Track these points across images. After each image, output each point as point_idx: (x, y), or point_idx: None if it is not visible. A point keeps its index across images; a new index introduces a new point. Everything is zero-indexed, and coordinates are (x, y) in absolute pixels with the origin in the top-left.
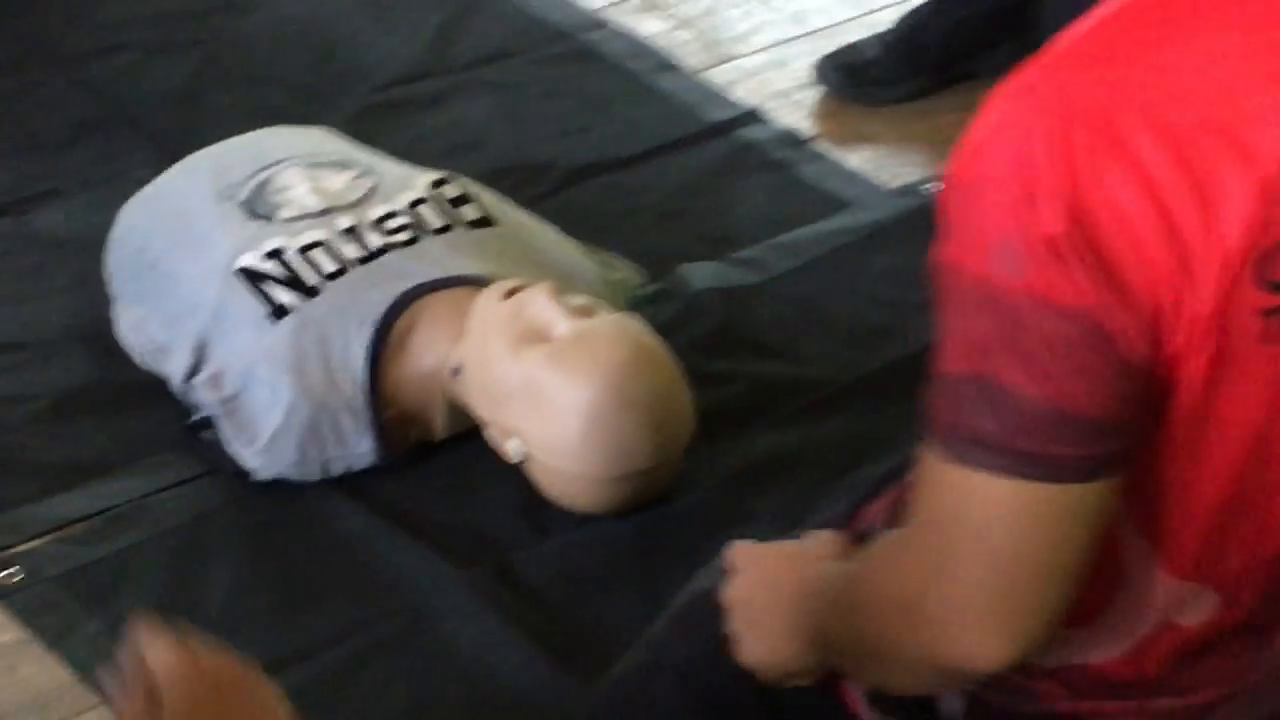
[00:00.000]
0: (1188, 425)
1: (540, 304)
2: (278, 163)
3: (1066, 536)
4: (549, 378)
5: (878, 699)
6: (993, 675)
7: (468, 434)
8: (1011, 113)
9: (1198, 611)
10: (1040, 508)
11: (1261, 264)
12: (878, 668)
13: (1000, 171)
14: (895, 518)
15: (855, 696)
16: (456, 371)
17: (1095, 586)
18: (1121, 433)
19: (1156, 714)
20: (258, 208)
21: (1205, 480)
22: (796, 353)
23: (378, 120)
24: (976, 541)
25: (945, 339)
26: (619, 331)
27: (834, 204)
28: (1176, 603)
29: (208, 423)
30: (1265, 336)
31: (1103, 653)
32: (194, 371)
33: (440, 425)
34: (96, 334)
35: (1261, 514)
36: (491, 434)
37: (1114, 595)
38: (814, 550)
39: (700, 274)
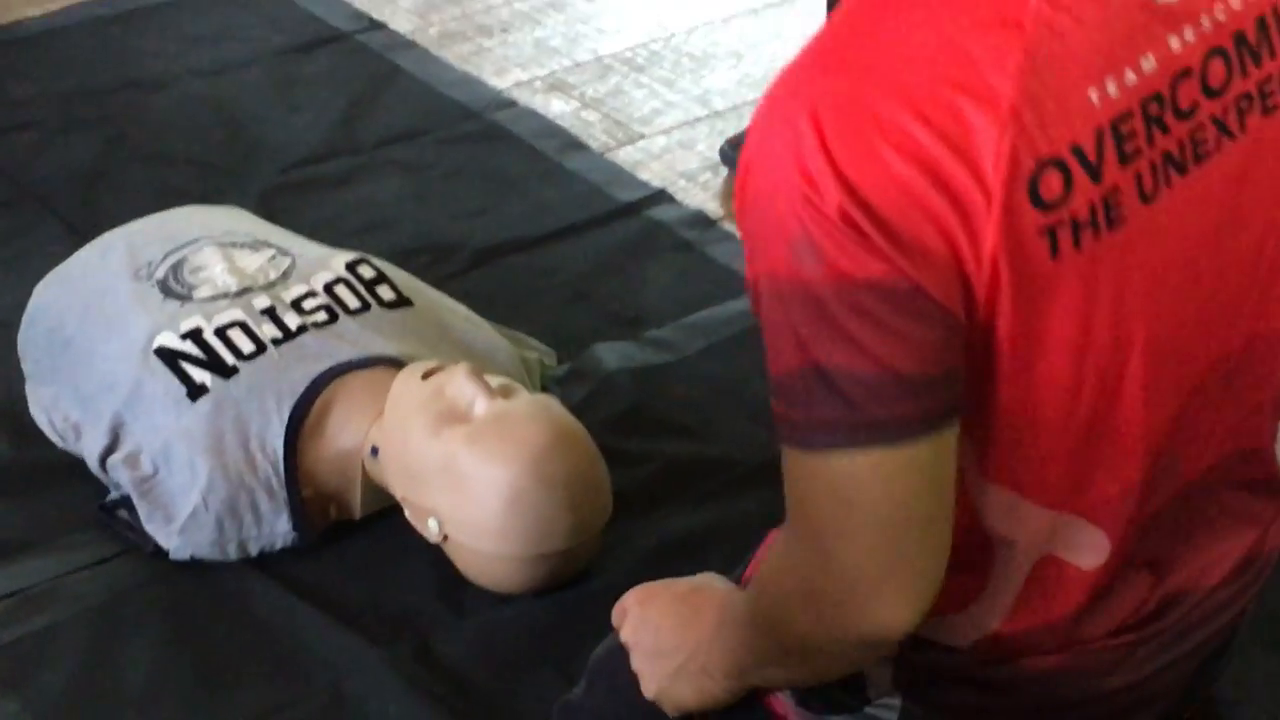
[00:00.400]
0: (1016, 356)
1: (459, 384)
2: (193, 242)
3: (930, 486)
4: (468, 458)
5: (806, 700)
6: (906, 632)
7: (386, 513)
8: (772, 123)
9: (1086, 549)
10: (897, 469)
11: (1032, 188)
12: (807, 665)
13: (777, 174)
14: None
15: (783, 704)
16: (375, 451)
17: (970, 560)
18: (953, 380)
19: (1083, 659)
20: (174, 287)
21: (1047, 405)
22: (708, 432)
23: (287, 199)
24: (851, 517)
25: (771, 347)
26: (538, 412)
27: (743, 284)
28: (1059, 536)
29: (124, 502)
30: (1053, 253)
31: (1004, 615)
32: (110, 450)
33: (358, 504)
34: (10, 413)
35: (1116, 436)
36: (410, 513)
37: (990, 560)
38: (706, 583)
39: (612, 354)
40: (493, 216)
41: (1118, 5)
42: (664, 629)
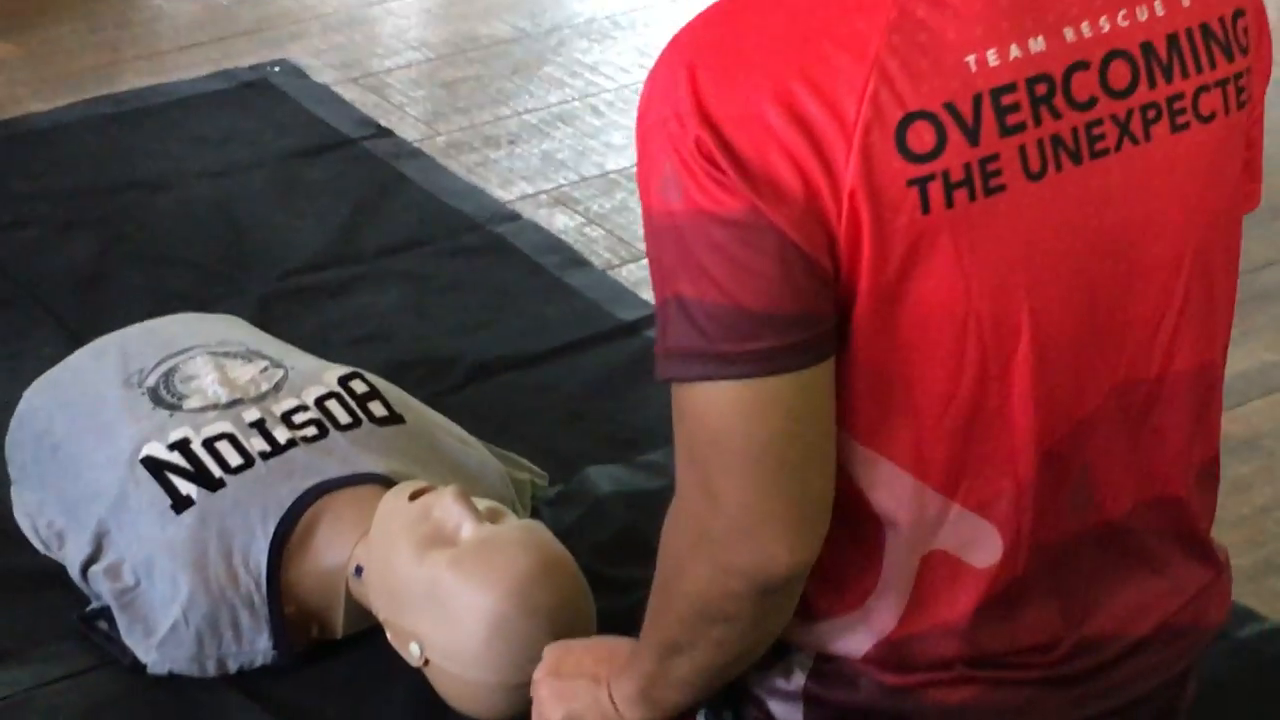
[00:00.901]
0: (879, 310)
1: (446, 506)
2: (186, 351)
3: (796, 425)
4: (452, 583)
5: None
6: (793, 576)
7: (369, 633)
8: (657, 71)
9: (979, 547)
10: (757, 404)
11: (899, 137)
12: (708, 634)
13: (652, 115)
14: None
15: None
16: (359, 570)
17: (863, 544)
18: (812, 323)
19: (991, 695)
20: (164, 396)
21: (923, 372)
22: None
23: (285, 306)
24: (724, 452)
25: (651, 279)
26: (524, 538)
27: None
28: (952, 530)
29: (104, 613)
30: (924, 207)
31: (899, 613)
32: (92, 560)
33: (341, 624)
34: None
35: (1006, 429)
36: (392, 635)
37: (881, 546)
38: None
39: (604, 477)
40: (491, 331)
41: None
42: (569, 688)
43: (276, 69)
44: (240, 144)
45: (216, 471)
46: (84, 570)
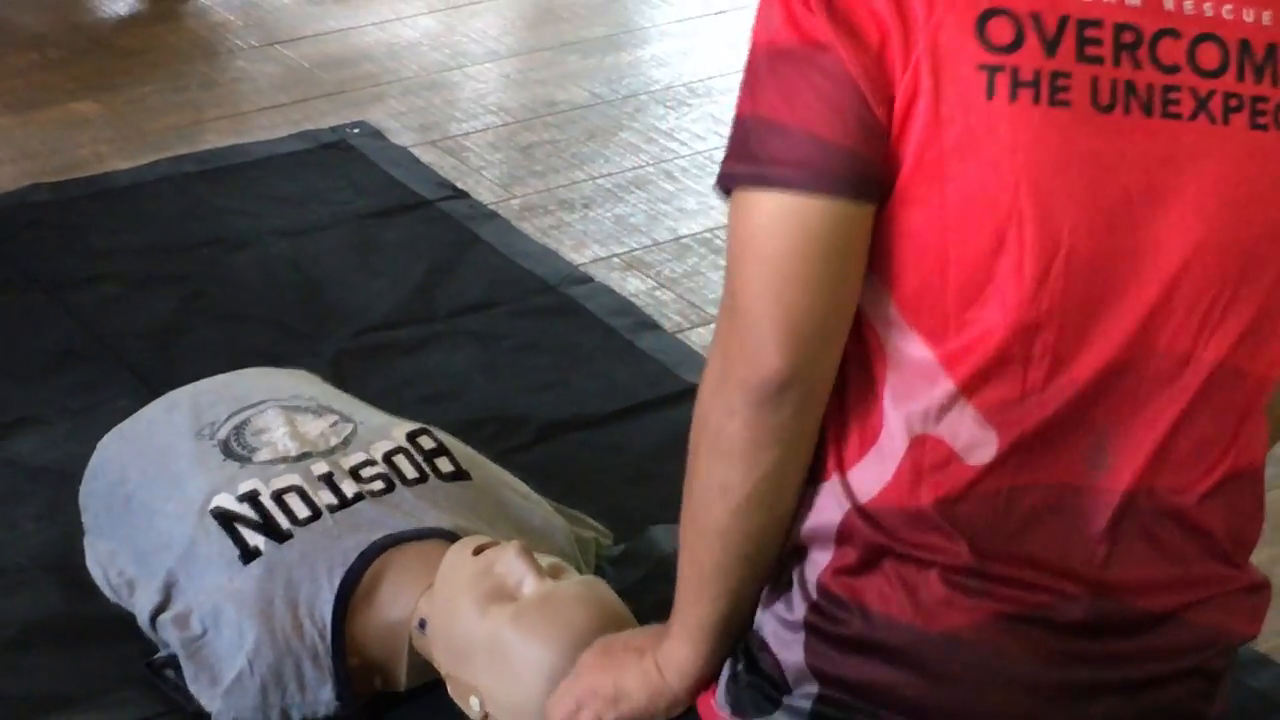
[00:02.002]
0: (933, 183)
1: (509, 562)
2: (257, 404)
3: (817, 248)
4: (512, 638)
5: (738, 705)
6: (782, 385)
7: (431, 686)
8: None
9: (974, 445)
10: (787, 215)
11: (980, 24)
12: (715, 474)
13: None
14: None
15: (716, 713)
16: (423, 624)
17: (862, 413)
18: (860, 162)
19: (986, 633)
20: (235, 448)
21: (969, 256)
22: None
23: (358, 363)
24: (747, 256)
25: (738, 99)
26: (585, 594)
27: None
28: (952, 420)
29: (171, 661)
30: (989, 92)
31: (881, 485)
32: (161, 609)
33: (404, 676)
34: (66, 564)
35: (1028, 332)
36: (452, 689)
37: (880, 425)
38: None
39: (669, 537)
40: (561, 392)
41: None
42: (615, 661)
43: (356, 130)
44: (318, 203)
45: (284, 524)
46: (153, 619)
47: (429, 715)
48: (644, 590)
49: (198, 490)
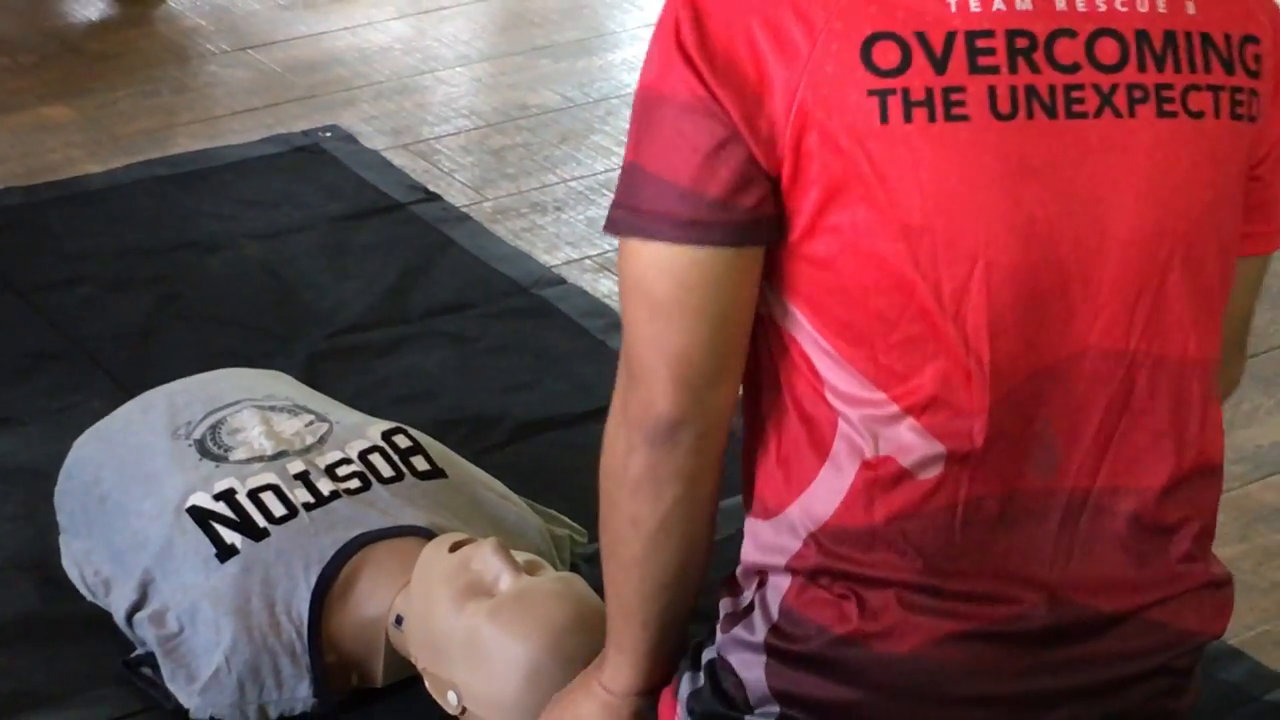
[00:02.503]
0: (836, 211)
1: (485, 559)
2: (233, 404)
3: (690, 293)
4: (490, 633)
5: (692, 709)
6: (674, 426)
7: (408, 682)
8: None
9: (927, 463)
10: (660, 264)
11: (865, 50)
12: (624, 508)
13: (660, 14)
14: None
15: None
16: (399, 620)
17: (814, 439)
18: (728, 208)
19: (938, 651)
20: (211, 448)
21: (884, 279)
22: None
23: (331, 365)
24: (633, 301)
25: (627, 142)
26: (561, 590)
27: None
28: (897, 436)
29: (148, 659)
30: (882, 117)
31: (836, 506)
32: (138, 607)
33: (381, 673)
34: (41, 564)
35: (959, 346)
36: (430, 684)
37: (830, 441)
38: None
39: None
40: (534, 392)
41: None
42: (567, 702)
43: (328, 134)
44: (291, 207)
45: (261, 521)
46: (129, 617)
47: (406, 711)
48: None
49: (174, 489)
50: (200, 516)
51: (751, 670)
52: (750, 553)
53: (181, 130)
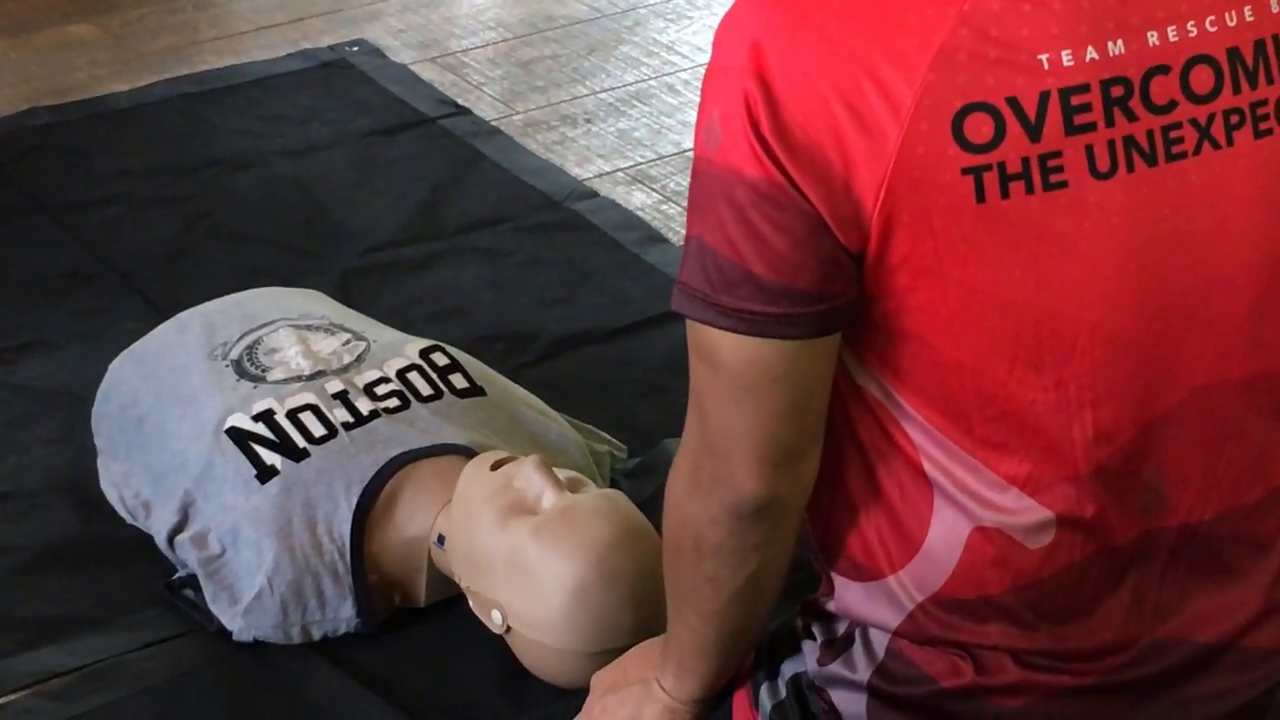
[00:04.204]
0: (932, 291)
1: (528, 476)
2: (269, 324)
3: (777, 382)
4: (534, 551)
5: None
6: (761, 507)
7: (451, 601)
8: (727, 19)
9: (1035, 531)
10: (745, 355)
11: (956, 125)
12: (703, 570)
13: (715, 61)
14: None
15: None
16: (441, 540)
17: (911, 509)
18: (813, 299)
19: (1044, 692)
20: (248, 368)
21: (983, 358)
22: None
23: (366, 282)
24: (712, 382)
25: (687, 210)
26: (606, 507)
27: None
28: (1002, 507)
29: (190, 581)
30: (978, 196)
31: (943, 579)
32: (179, 529)
33: (423, 592)
34: (80, 487)
35: (1062, 416)
36: (474, 603)
37: (929, 511)
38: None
39: None
40: (570, 307)
41: None
42: (623, 698)
43: (355, 49)
44: (319, 123)
45: (300, 442)
46: (170, 539)
47: (450, 630)
48: (660, 503)
49: (212, 410)
50: (239, 437)
51: (852, 705)
52: (844, 603)
53: (207, 47)
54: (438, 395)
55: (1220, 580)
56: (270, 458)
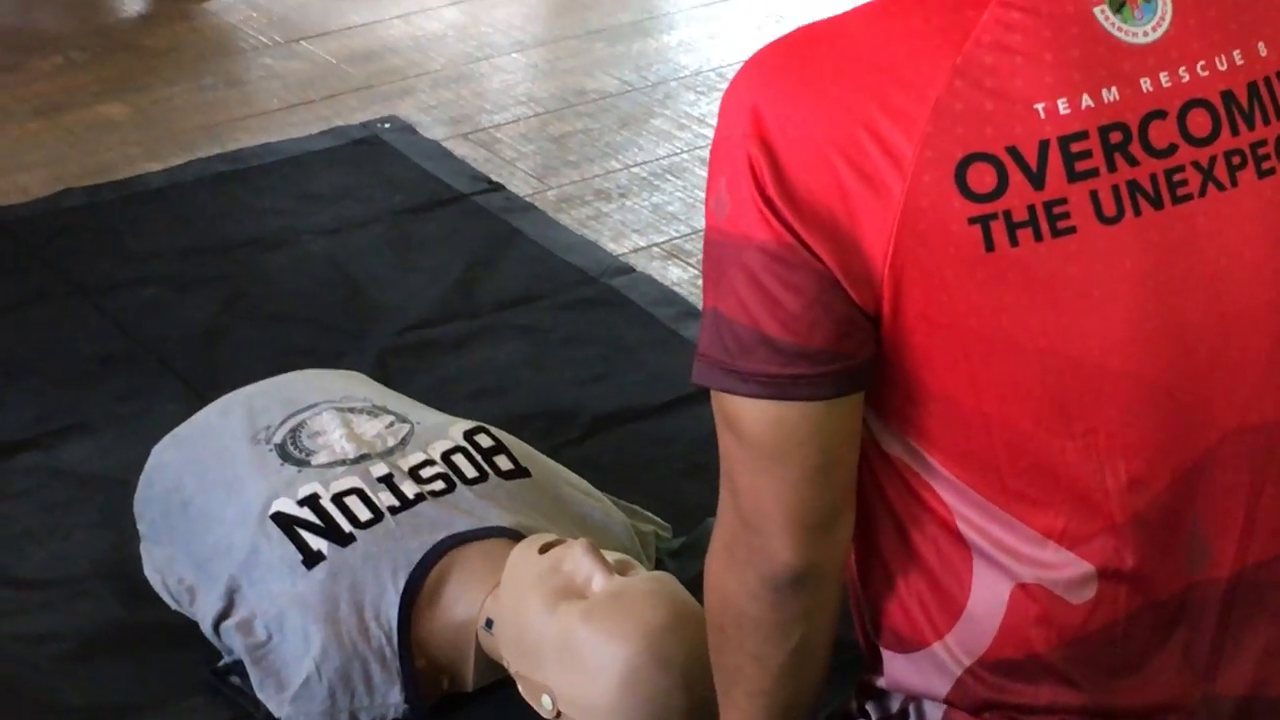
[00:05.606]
0: (950, 344)
1: (577, 559)
2: (312, 406)
3: (802, 445)
4: (585, 635)
5: None
6: (799, 576)
7: (499, 686)
8: (728, 92)
9: (1077, 585)
10: (767, 419)
11: (959, 176)
12: (747, 647)
13: (719, 133)
14: None
15: None
16: (489, 624)
17: (951, 573)
18: (830, 358)
19: None
20: (292, 452)
21: (1008, 409)
22: None
23: (403, 362)
24: (740, 451)
25: (703, 281)
26: (656, 590)
27: None
28: (1042, 562)
29: (237, 667)
30: (987, 245)
31: (988, 643)
32: (225, 615)
33: (471, 677)
34: (123, 573)
35: (1092, 464)
36: (523, 688)
37: (968, 575)
38: None
39: None
40: (608, 384)
41: (1075, 34)
42: None
43: (387, 125)
44: (353, 200)
45: (346, 527)
46: (216, 625)
47: (498, 715)
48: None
49: (257, 495)
50: (285, 523)
51: None
52: (893, 677)
53: (239, 125)
54: (483, 478)
55: (1272, 632)
56: (316, 543)
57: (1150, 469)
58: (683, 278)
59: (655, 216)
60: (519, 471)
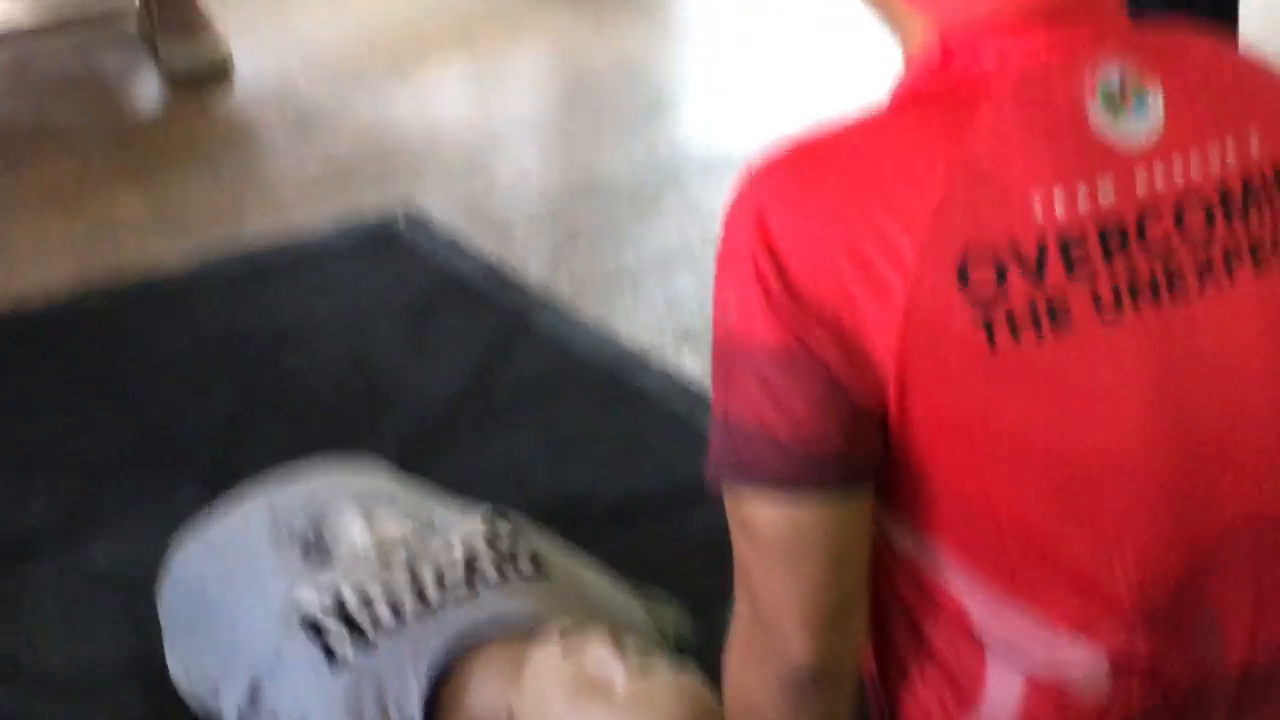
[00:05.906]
0: (957, 440)
1: (599, 656)
2: (333, 504)
3: (809, 543)
4: None
5: None
6: (814, 675)
7: None
8: (732, 202)
9: (1090, 681)
10: (776, 517)
11: (961, 272)
12: None
13: (724, 244)
14: None
15: None
16: None
17: (963, 667)
18: (837, 461)
19: None
20: (315, 552)
21: (1015, 505)
22: None
23: (419, 455)
24: (752, 548)
25: (712, 384)
26: (679, 691)
27: None
28: (1054, 655)
29: None
30: (990, 342)
31: None
32: (248, 711)
33: None
34: (146, 671)
35: (1100, 558)
36: None
37: (982, 669)
38: None
39: None
40: (624, 476)
41: (1069, 128)
42: None
43: (400, 219)
44: (369, 295)
45: (370, 630)
46: None
47: None
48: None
49: (279, 595)
50: (309, 623)
51: None
52: None
53: (254, 218)
54: (504, 580)
55: None
56: (339, 645)
57: (1160, 558)
58: (697, 368)
59: (669, 307)
60: (540, 572)
